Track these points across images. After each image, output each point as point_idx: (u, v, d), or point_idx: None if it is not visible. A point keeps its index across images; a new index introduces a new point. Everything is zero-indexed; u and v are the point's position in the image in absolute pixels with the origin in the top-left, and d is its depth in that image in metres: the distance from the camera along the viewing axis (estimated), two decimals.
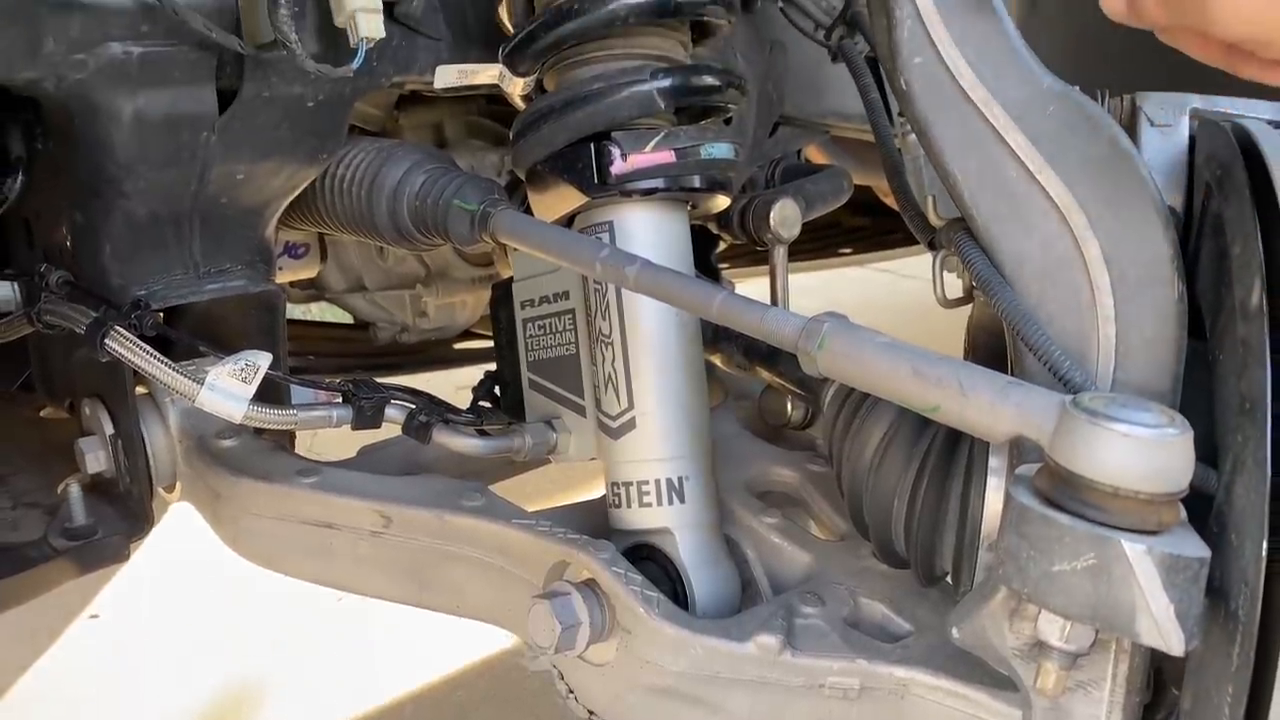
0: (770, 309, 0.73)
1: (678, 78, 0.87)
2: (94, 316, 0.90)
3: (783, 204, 1.09)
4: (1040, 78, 0.69)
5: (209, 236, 0.96)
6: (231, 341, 0.98)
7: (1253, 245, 0.61)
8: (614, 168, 0.85)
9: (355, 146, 1.02)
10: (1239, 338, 0.61)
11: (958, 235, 0.71)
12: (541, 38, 0.88)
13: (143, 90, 0.85)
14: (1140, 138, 0.77)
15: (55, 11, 0.79)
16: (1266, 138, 0.68)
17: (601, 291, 0.90)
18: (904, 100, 0.70)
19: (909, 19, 0.68)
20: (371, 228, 1.02)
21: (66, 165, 0.91)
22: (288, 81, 0.90)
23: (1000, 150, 0.68)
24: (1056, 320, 0.66)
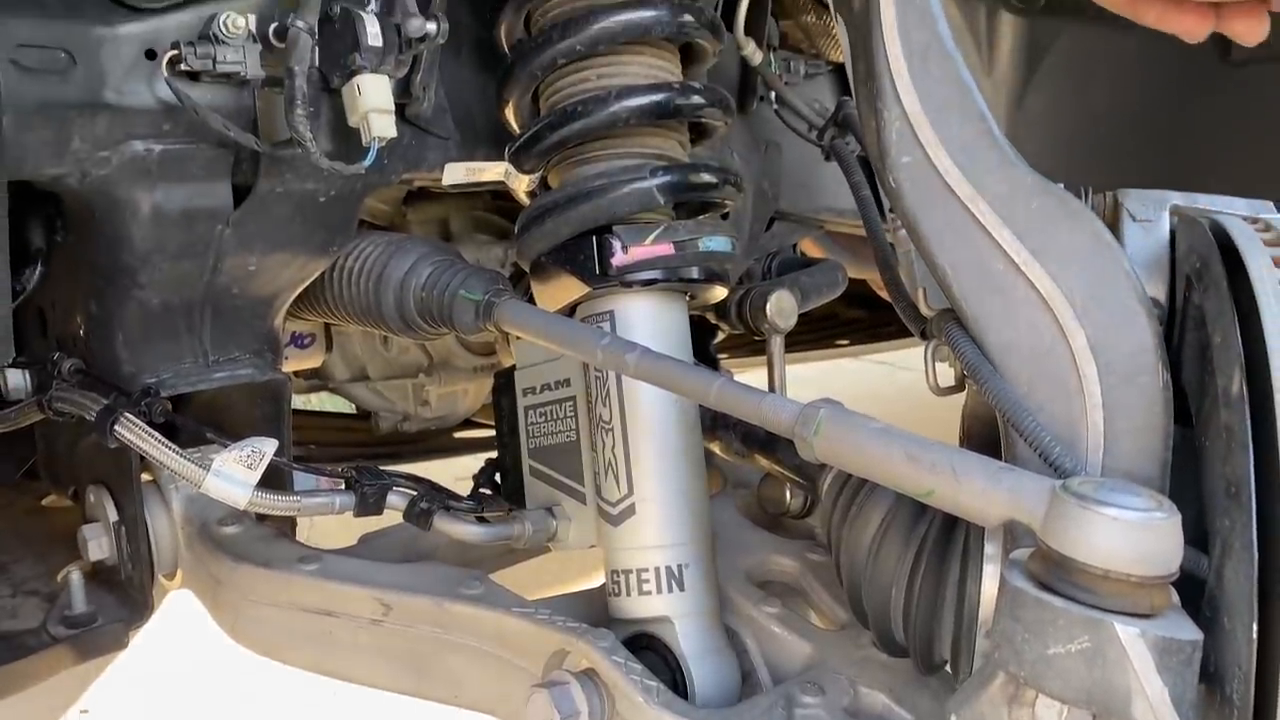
0: (767, 395, 0.75)
1: (676, 175, 0.90)
2: (104, 403, 0.91)
3: (779, 295, 1.12)
4: (1024, 175, 0.72)
5: (219, 326, 0.99)
6: (237, 428, 0.99)
7: (1232, 335, 0.63)
8: (615, 259, 0.88)
9: (364, 240, 1.06)
10: (1223, 424, 0.62)
11: (948, 325, 0.74)
12: (546, 137, 0.92)
13: (162, 185, 0.88)
14: (1123, 232, 0.79)
15: (84, 112, 0.83)
16: (1241, 233, 0.70)
17: (602, 379, 0.92)
18: (894, 197, 0.73)
19: (897, 120, 0.72)
20: (378, 317, 1.04)
21: (84, 256, 0.94)
22: (301, 177, 0.94)
23: (987, 244, 0.70)
24: (1046, 407, 0.67)
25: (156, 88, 0.86)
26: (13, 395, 1.02)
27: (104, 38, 0.84)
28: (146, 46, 0.85)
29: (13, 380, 1.03)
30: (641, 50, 0.93)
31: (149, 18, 0.85)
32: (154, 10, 0.85)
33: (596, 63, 0.91)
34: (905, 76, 0.72)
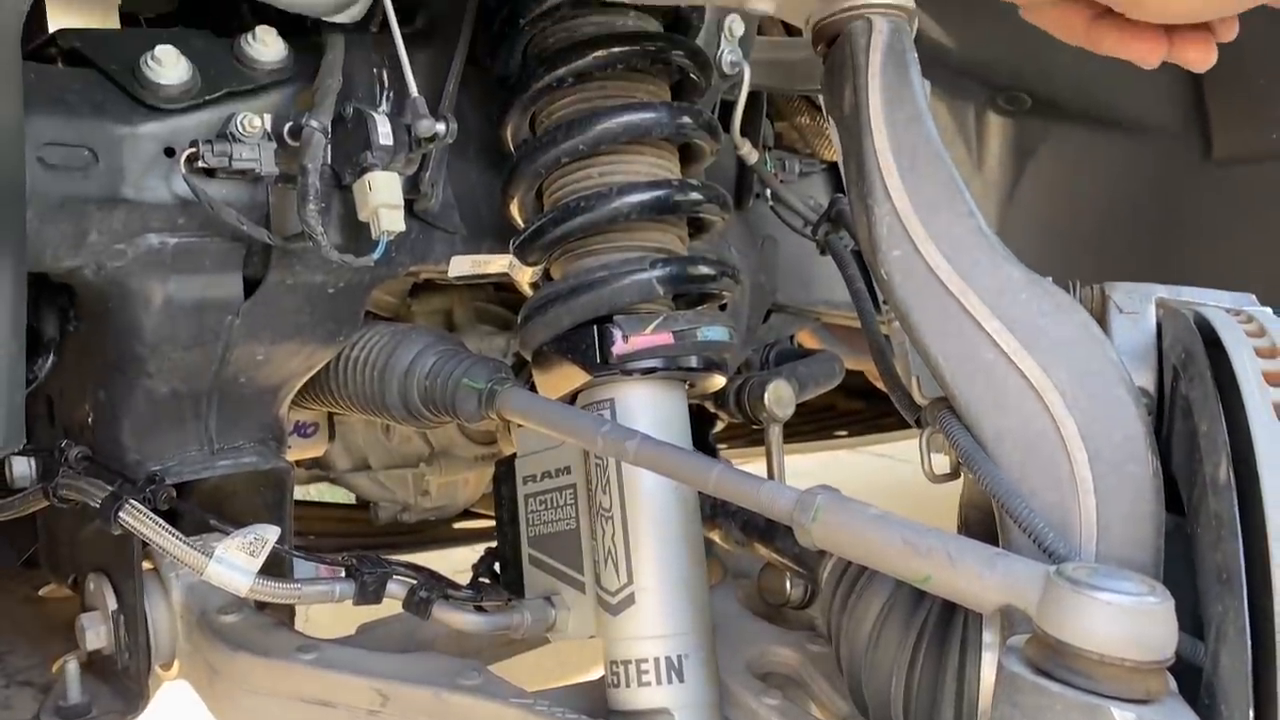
0: (765, 482, 0.76)
1: (675, 267, 0.93)
2: (109, 490, 0.92)
3: (777, 384, 1.14)
4: (1012, 268, 0.74)
5: (225, 414, 1.00)
6: (239, 516, 1.00)
7: (1217, 424, 0.65)
8: (616, 348, 0.90)
9: (370, 330, 1.08)
10: (1212, 512, 0.63)
11: (942, 413, 0.75)
12: (550, 231, 0.95)
13: (175, 277, 0.91)
14: (1110, 324, 0.81)
15: (103, 207, 0.86)
16: (1224, 325, 0.72)
17: (602, 466, 0.93)
18: (886, 289, 0.76)
19: (887, 216, 0.74)
20: (382, 406, 1.06)
21: (95, 345, 0.96)
22: (311, 270, 0.96)
23: (977, 334, 0.72)
24: (1039, 494, 0.68)
25: (174, 183, 0.89)
26: (18, 482, 1.03)
27: (126, 136, 0.87)
28: (166, 145, 0.89)
29: (18, 467, 1.04)
30: (642, 149, 0.96)
31: (169, 117, 0.89)
32: (175, 110, 0.89)
33: (599, 161, 0.95)
34: (894, 175, 0.75)
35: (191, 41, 0.92)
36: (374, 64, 0.97)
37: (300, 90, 0.93)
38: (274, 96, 0.93)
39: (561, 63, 0.95)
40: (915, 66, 0.81)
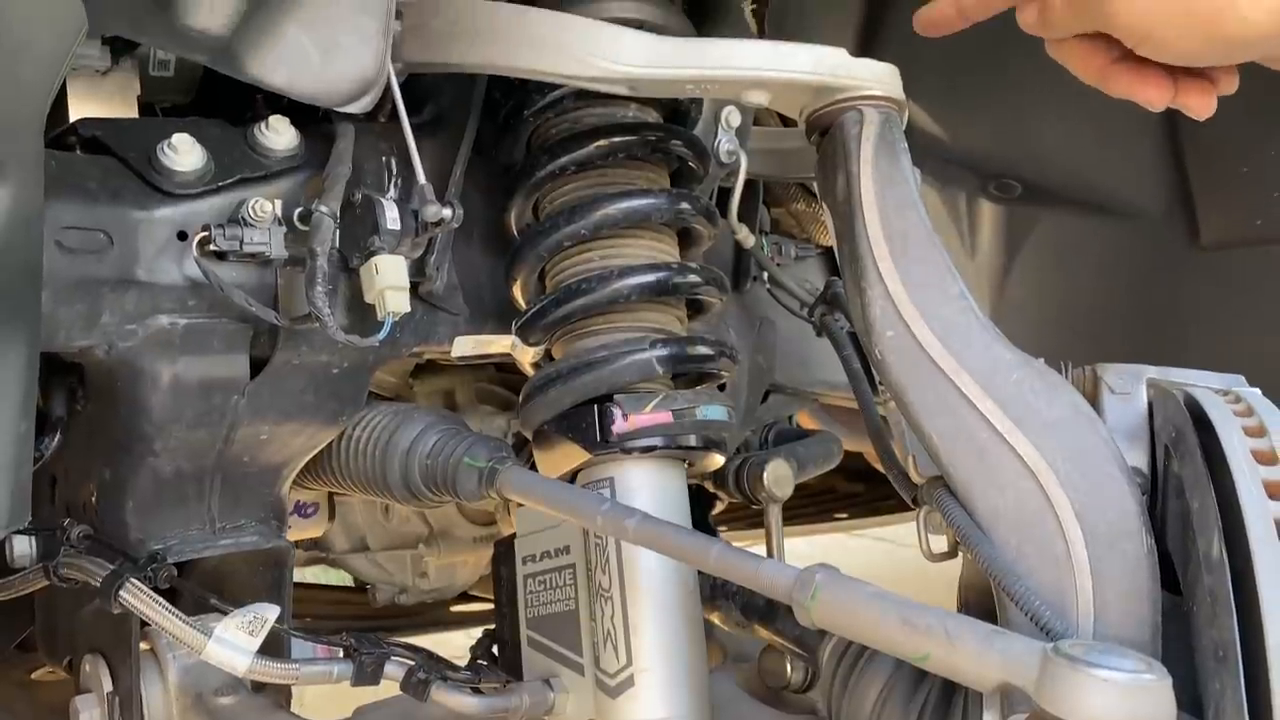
0: (765, 560, 0.76)
1: (674, 347, 0.95)
2: (111, 569, 0.92)
3: (775, 464, 1.15)
4: (1003, 349, 0.76)
5: (228, 493, 1.01)
6: (238, 595, 1.00)
7: (1209, 501, 0.66)
8: (615, 427, 0.91)
9: (372, 410, 1.09)
10: (1207, 589, 0.64)
11: (938, 492, 0.76)
12: (552, 312, 0.97)
13: (183, 357, 0.92)
14: (1103, 404, 0.83)
15: (115, 289, 0.88)
16: (1213, 404, 0.74)
17: (601, 545, 0.94)
18: (881, 369, 0.77)
19: (880, 298, 0.77)
20: (383, 485, 1.06)
21: (102, 424, 0.97)
22: (316, 350, 0.98)
23: (971, 414, 0.74)
24: (1035, 572, 0.69)
25: (185, 266, 0.91)
26: (18, 561, 1.03)
27: (141, 220, 0.90)
28: (179, 228, 0.91)
29: (19, 546, 1.04)
30: (642, 234, 0.99)
31: (183, 202, 0.92)
32: (189, 195, 0.92)
33: (600, 245, 0.98)
34: (887, 258, 0.77)
35: (207, 130, 0.95)
36: (383, 152, 1.00)
37: (311, 177, 0.96)
38: (285, 182, 0.95)
39: (564, 152, 0.99)
40: (906, 155, 0.84)
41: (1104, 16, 0.70)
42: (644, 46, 0.87)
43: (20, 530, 1.05)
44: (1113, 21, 0.69)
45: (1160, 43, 0.69)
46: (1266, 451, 0.69)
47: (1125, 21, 0.69)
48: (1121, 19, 0.69)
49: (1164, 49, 0.70)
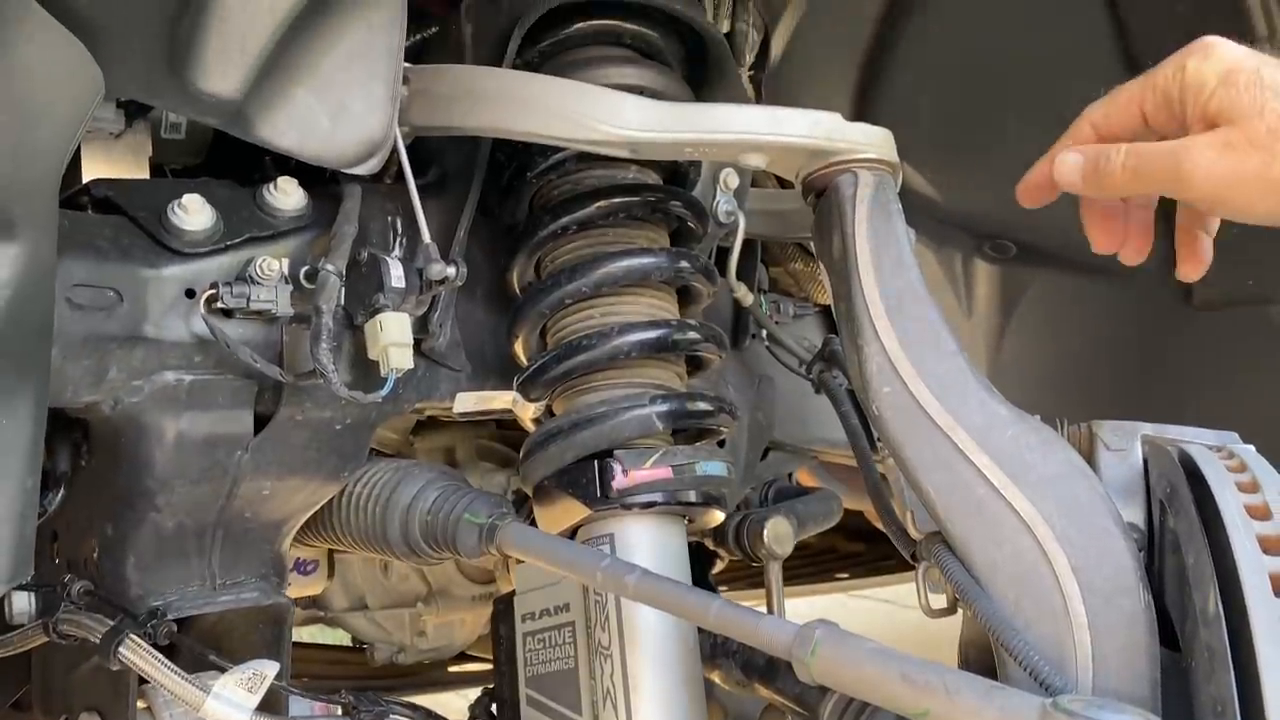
0: (765, 617, 0.76)
1: (674, 403, 0.96)
2: (110, 625, 0.92)
3: (775, 521, 1.15)
4: (999, 405, 0.77)
5: (229, 549, 1.01)
6: (237, 651, 0.99)
7: (1204, 557, 0.67)
8: (616, 482, 0.92)
9: (373, 466, 1.10)
10: (1204, 644, 0.64)
11: (936, 547, 0.77)
12: (553, 369, 0.98)
13: (188, 413, 0.93)
14: (1098, 461, 0.84)
15: (123, 345, 0.89)
16: (1207, 460, 0.75)
17: (601, 602, 0.94)
18: (878, 425, 0.78)
19: (877, 355, 0.78)
20: (383, 542, 1.07)
21: (105, 479, 0.98)
22: (320, 406, 0.99)
23: (967, 469, 0.74)
24: (1033, 627, 0.69)
25: (192, 323, 0.92)
26: (17, 618, 1.03)
27: (150, 278, 0.91)
28: (187, 286, 0.93)
29: (18, 603, 1.03)
30: (642, 292, 1.01)
31: (192, 261, 0.93)
32: (197, 254, 0.93)
33: (600, 302, 0.99)
34: (883, 316, 0.79)
35: (217, 190, 0.97)
36: (388, 212, 1.02)
37: (318, 236, 0.98)
38: (293, 241, 0.97)
39: (566, 212, 1.01)
40: (900, 216, 0.86)
41: (1177, 182, 0.67)
42: (644, 111, 0.89)
43: (20, 586, 1.05)
44: (1187, 185, 0.66)
45: (1239, 206, 0.67)
46: (1260, 507, 0.69)
47: (1202, 188, 0.66)
48: (1198, 185, 0.66)
49: (1244, 212, 0.68)
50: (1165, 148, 0.67)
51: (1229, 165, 0.64)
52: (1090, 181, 0.73)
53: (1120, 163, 0.70)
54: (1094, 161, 0.72)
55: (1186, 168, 0.66)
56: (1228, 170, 0.64)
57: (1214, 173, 0.65)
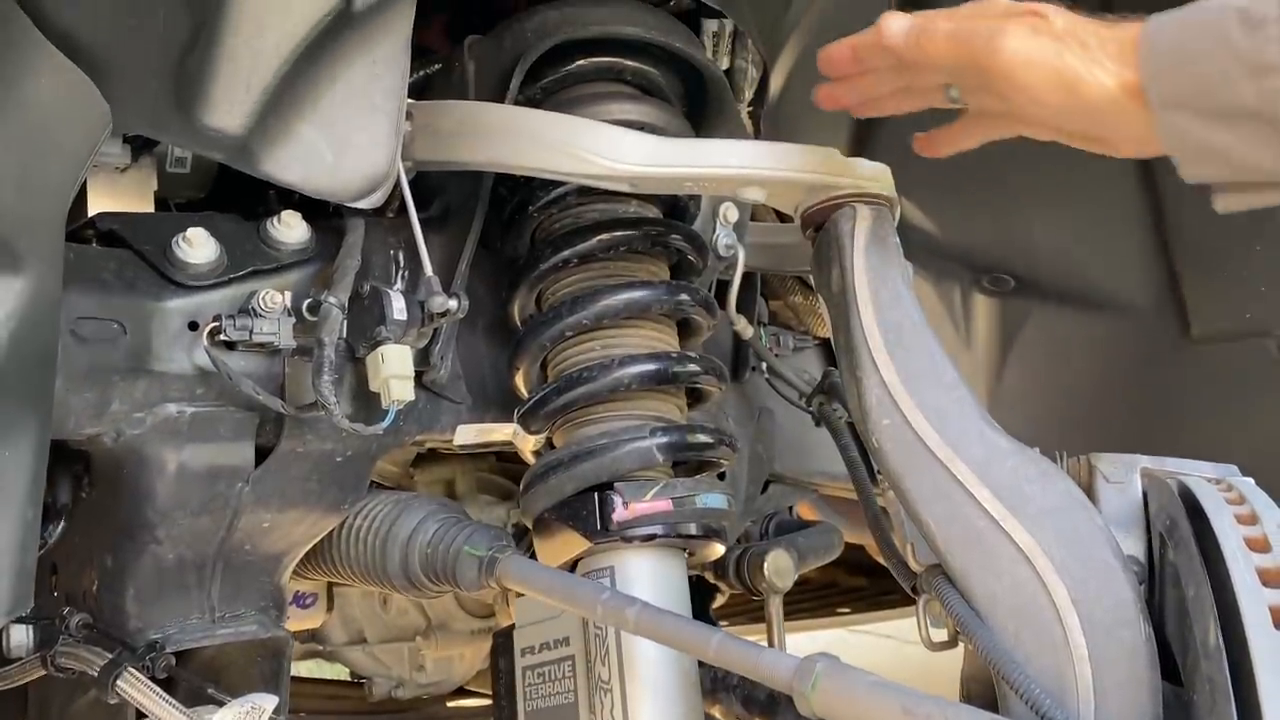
0: (765, 650, 0.76)
1: (674, 435, 0.96)
2: (109, 658, 0.92)
3: (776, 554, 1.15)
4: (997, 437, 0.78)
5: (229, 581, 1.00)
6: (236, 685, 0.99)
7: (1204, 590, 0.67)
8: (616, 515, 0.92)
9: (373, 498, 1.10)
10: (1205, 676, 0.64)
11: (936, 579, 0.77)
12: (554, 400, 0.98)
13: (190, 445, 0.93)
14: (1097, 493, 0.84)
15: (126, 377, 0.90)
16: (1206, 493, 0.75)
17: (601, 636, 0.93)
18: (877, 456, 0.79)
19: (876, 387, 0.78)
20: (383, 574, 1.06)
21: (106, 511, 0.98)
22: (321, 438, 0.99)
23: (966, 500, 0.75)
24: (1033, 659, 0.69)
25: (195, 355, 0.92)
26: (15, 651, 1.02)
27: (154, 310, 0.92)
28: (190, 319, 0.93)
29: (16, 636, 1.03)
30: (642, 324, 1.01)
31: (196, 293, 0.94)
32: (201, 287, 0.94)
33: (601, 335, 1.00)
34: (882, 349, 0.79)
35: (221, 224, 0.98)
36: (391, 245, 1.03)
37: (321, 269, 0.98)
38: (296, 274, 0.98)
39: (567, 245, 1.02)
40: (898, 249, 0.87)
41: (989, 54, 0.73)
42: (644, 146, 0.91)
43: (18, 619, 1.05)
44: (996, 56, 0.72)
45: (1032, 93, 0.72)
46: (1259, 539, 0.69)
47: (1009, 61, 0.72)
48: (1004, 58, 0.72)
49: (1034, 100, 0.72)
50: (984, 23, 0.74)
51: (1032, 46, 0.71)
52: (912, 43, 0.78)
53: (944, 29, 0.76)
54: (920, 25, 0.78)
55: (999, 40, 0.72)
56: (1030, 50, 0.71)
57: (1019, 49, 0.71)
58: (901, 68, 0.81)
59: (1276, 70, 0.62)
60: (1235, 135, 0.65)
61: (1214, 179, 0.70)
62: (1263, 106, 0.63)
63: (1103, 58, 0.70)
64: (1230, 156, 0.67)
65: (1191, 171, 0.70)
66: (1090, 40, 0.70)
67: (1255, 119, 0.64)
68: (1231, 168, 0.68)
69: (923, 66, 0.79)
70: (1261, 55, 0.63)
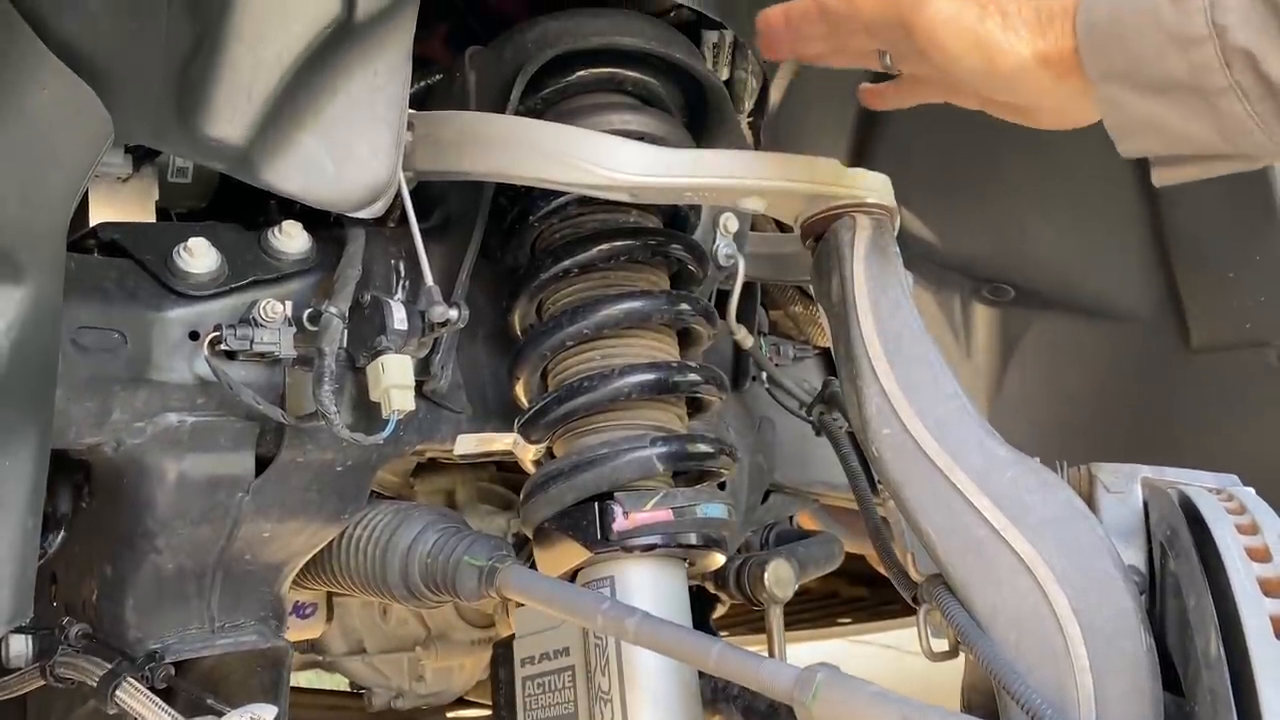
0: (765, 660, 0.76)
1: (674, 444, 0.96)
2: (108, 668, 0.92)
3: (776, 564, 1.15)
4: (998, 446, 0.78)
5: (229, 591, 1.00)
6: (235, 695, 0.99)
7: (1205, 600, 0.67)
8: (616, 525, 0.92)
9: (373, 508, 1.10)
10: (1207, 687, 0.64)
11: (937, 590, 0.77)
12: (554, 410, 0.98)
13: (190, 455, 0.93)
14: (1098, 503, 0.84)
15: (127, 387, 0.90)
16: (1206, 503, 0.75)
17: (601, 646, 0.93)
18: (877, 466, 0.79)
19: (876, 396, 0.78)
20: (382, 585, 1.06)
21: (106, 520, 0.98)
22: (321, 448, 0.99)
23: (967, 510, 0.75)
24: (1035, 670, 0.69)
25: (195, 365, 0.93)
26: (14, 661, 1.02)
27: (154, 320, 0.92)
28: (191, 328, 0.93)
29: (15, 646, 1.03)
30: (642, 334, 1.01)
31: (197, 303, 0.94)
32: (202, 297, 0.94)
33: (601, 344, 1.00)
34: (882, 358, 0.79)
35: (222, 234, 0.98)
36: (392, 255, 1.03)
37: (322, 279, 0.99)
38: (296, 284, 0.98)
39: (568, 255, 1.02)
40: (898, 259, 0.87)
41: (915, 11, 0.75)
42: (645, 156, 0.91)
43: (17, 629, 1.05)
44: (920, 11, 0.74)
45: (952, 51, 0.74)
46: (1260, 549, 0.69)
47: (932, 20, 0.74)
48: (928, 16, 0.74)
49: (954, 60, 0.74)
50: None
51: (955, 7, 0.73)
52: (846, 1, 0.81)
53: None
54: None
55: (924, 6, 0.74)
56: (952, 12, 0.73)
57: (942, 9, 0.73)
58: (834, 29, 0.84)
59: (1203, 42, 0.63)
60: (1168, 107, 0.66)
61: (1151, 152, 0.71)
62: (1192, 78, 0.64)
63: (1019, 24, 0.71)
64: (1164, 128, 0.68)
65: (1128, 145, 0.71)
66: (1009, 8, 0.72)
67: (1186, 90, 0.65)
68: (1166, 140, 0.69)
69: (852, 21, 0.82)
70: (1188, 28, 0.64)
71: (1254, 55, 0.62)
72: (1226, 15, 0.62)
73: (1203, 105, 0.65)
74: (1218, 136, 0.66)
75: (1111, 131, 0.72)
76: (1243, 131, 0.64)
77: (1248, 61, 0.62)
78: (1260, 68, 0.62)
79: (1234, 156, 0.68)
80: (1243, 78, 0.63)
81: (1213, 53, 0.63)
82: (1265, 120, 0.63)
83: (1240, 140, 0.65)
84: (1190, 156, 0.69)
